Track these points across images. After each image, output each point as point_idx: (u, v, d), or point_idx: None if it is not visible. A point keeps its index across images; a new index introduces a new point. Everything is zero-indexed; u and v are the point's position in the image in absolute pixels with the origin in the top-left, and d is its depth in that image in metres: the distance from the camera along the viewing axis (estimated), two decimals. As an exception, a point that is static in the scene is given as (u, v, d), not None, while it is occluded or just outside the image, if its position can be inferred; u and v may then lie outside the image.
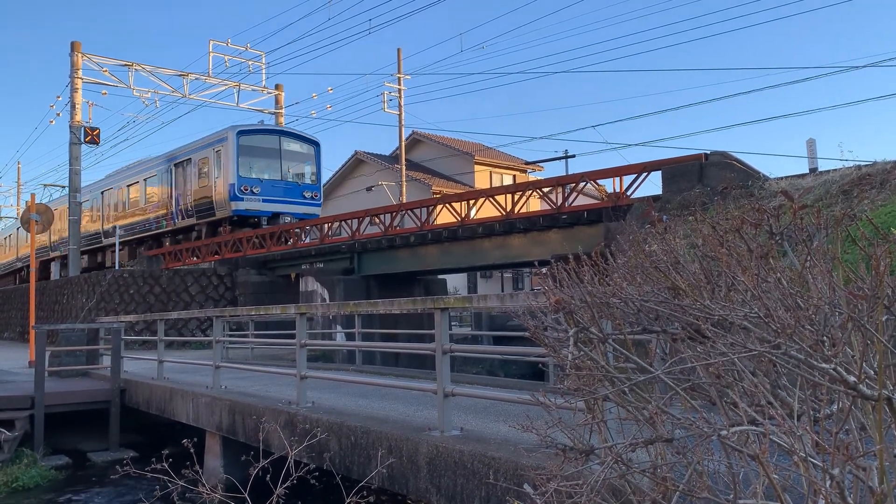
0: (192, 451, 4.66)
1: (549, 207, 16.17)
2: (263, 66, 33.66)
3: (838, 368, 1.94)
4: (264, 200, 26.71)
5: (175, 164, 29.76)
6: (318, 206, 28.89)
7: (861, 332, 2.01)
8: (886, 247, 2.25)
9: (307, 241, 23.60)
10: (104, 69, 30.37)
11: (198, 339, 21.75)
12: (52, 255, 38.49)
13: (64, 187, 38.69)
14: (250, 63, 33.18)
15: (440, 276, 25.35)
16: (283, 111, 34.43)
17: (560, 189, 16.23)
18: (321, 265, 22.45)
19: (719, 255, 2.42)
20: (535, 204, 19.28)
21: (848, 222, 2.67)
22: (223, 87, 33.06)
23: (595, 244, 3.91)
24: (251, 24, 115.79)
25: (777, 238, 2.50)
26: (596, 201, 17.01)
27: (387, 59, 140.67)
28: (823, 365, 1.96)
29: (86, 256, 35.03)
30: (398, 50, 34.65)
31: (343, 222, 21.47)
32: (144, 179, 32.02)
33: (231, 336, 17.83)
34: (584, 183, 15.82)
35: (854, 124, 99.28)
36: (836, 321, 2.24)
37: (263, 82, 34.21)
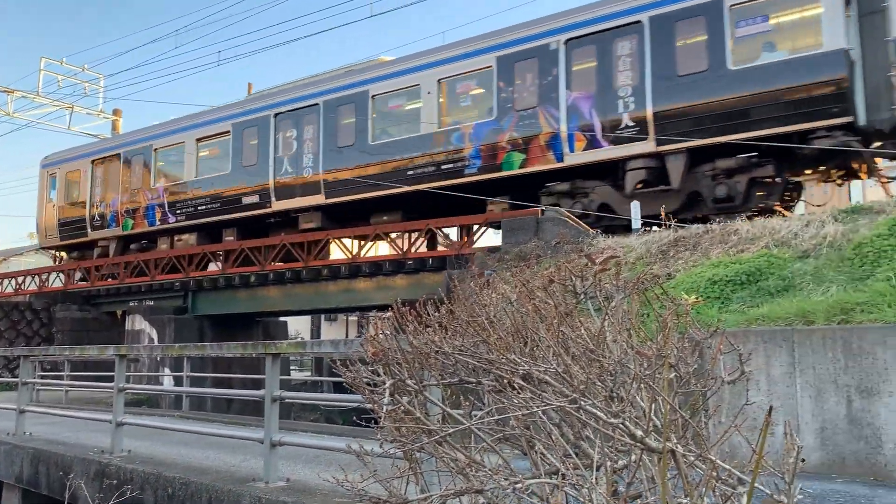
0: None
1: (395, 253, 16.29)
2: (101, 89, 31.83)
3: (626, 423, 2.08)
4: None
5: None
6: None
7: (648, 388, 2.17)
8: (674, 309, 2.46)
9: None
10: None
11: (4, 381, 19.76)
12: None
13: None
14: (87, 85, 31.27)
15: (282, 319, 24.66)
16: (120, 138, 32.59)
17: (407, 235, 16.42)
18: (151, 303, 21.17)
19: (529, 310, 2.54)
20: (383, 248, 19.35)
21: (647, 284, 2.89)
22: (54, 108, 30.85)
23: (438, 291, 3.98)
24: (91, 45, 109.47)
25: (581, 297, 2.66)
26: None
27: (238, 91, 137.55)
28: (612, 420, 2.09)
29: None
30: (249, 85, 34.10)
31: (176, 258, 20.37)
32: None
33: (43, 377, 16.36)
34: (430, 230, 16.12)
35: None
36: (631, 377, 2.40)
37: (101, 105, 32.30)
